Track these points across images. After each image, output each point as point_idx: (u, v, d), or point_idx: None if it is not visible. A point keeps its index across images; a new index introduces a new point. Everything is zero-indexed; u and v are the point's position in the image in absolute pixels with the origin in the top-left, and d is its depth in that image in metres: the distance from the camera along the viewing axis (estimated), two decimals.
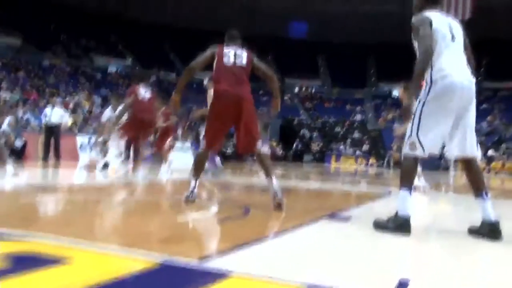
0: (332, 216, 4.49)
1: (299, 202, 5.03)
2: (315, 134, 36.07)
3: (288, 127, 35.64)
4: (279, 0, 39.96)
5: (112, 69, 37.85)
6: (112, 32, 41.10)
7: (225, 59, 4.89)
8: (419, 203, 6.34)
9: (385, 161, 32.11)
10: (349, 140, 35.54)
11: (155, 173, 10.91)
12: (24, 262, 2.27)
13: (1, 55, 29.98)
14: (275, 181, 4.69)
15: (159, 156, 12.21)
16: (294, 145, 33.44)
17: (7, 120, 15.19)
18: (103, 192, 6.31)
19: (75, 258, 2.31)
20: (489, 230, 3.52)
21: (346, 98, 40.78)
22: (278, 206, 4.54)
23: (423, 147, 3.61)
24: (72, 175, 9.89)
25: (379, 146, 34.73)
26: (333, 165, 30.67)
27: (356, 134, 36.27)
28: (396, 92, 38.27)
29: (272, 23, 38.95)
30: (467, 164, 3.78)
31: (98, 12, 38.68)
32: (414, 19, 3.72)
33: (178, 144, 23.76)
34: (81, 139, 17.28)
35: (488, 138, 31.70)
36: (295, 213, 4.64)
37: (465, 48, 3.78)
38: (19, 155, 14.65)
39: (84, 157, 16.32)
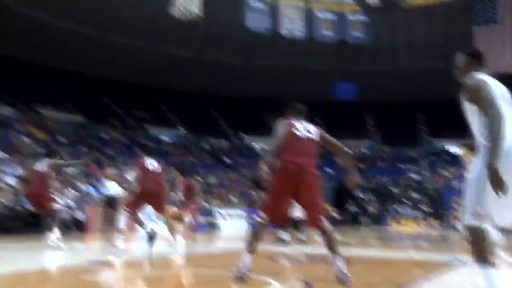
0: None
1: (360, 274, 4.81)
2: (370, 195, 35.34)
3: (341, 189, 35.07)
4: (324, 63, 40.42)
5: (164, 138, 38.77)
6: (164, 103, 42.38)
7: (295, 132, 4.88)
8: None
9: (450, 222, 30.87)
10: (406, 200, 34.53)
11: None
12: None
13: (65, 131, 31.39)
14: (339, 260, 4.58)
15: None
16: (349, 208, 32.79)
17: (71, 193, 15.65)
18: (163, 266, 6.29)
19: None
20: None
21: (399, 157, 40.06)
22: (344, 284, 4.42)
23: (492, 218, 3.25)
24: (129, 249, 9.94)
25: (439, 206, 33.51)
26: (393, 227, 29.76)
27: (414, 194, 35.24)
28: (453, 149, 37.41)
29: (318, 86, 39.25)
30: None
31: (147, 85, 40.06)
32: (470, 81, 3.50)
33: (231, 211, 23.87)
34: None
35: None
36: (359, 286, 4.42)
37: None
38: (82, 228, 14.97)
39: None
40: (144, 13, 35.26)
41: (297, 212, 9.27)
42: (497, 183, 3.06)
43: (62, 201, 10.42)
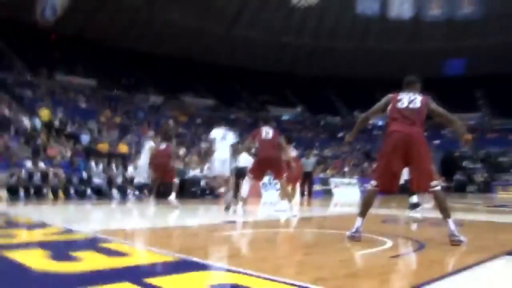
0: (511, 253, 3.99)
1: (471, 237, 4.56)
2: (478, 165, 33.11)
3: (449, 160, 33.23)
4: (434, 41, 38.22)
5: (285, 117, 39.15)
6: (285, 86, 42.83)
7: (398, 104, 4.72)
8: None
9: None
10: None
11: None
12: None
13: (201, 114, 33.03)
14: (451, 223, 4.38)
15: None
16: (456, 177, 31.04)
17: (206, 166, 16.45)
18: (281, 226, 6.43)
19: None
20: None
21: (508, 128, 36.94)
22: (457, 245, 4.25)
23: None
24: (256, 211, 10.25)
25: None
26: (499, 195, 27.69)
27: None
28: None
29: (427, 64, 37.23)
30: None
31: (271, 71, 40.63)
32: None
33: (345, 180, 23.68)
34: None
35: None
36: (469, 249, 4.20)
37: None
38: (216, 194, 15.72)
39: (267, 194, 16.84)
40: (265, 6, 35.60)
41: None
42: None
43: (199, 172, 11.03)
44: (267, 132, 8.10)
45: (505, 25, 36.10)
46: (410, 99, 4.72)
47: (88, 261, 3.23)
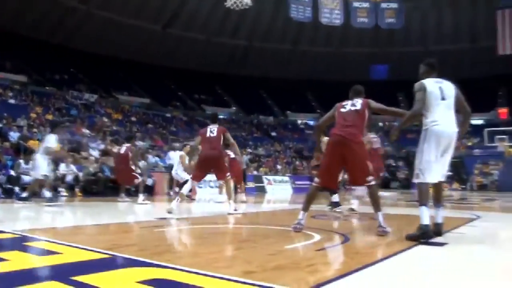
0: (426, 242, 4.23)
1: (392, 230, 4.82)
2: (400, 163, 34.76)
3: None
4: (362, 48, 39.67)
5: (220, 116, 39.14)
6: (220, 86, 42.81)
7: (341, 109, 5.09)
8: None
9: (468, 185, 30.30)
10: None
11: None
12: (164, 287, 2.36)
13: (136, 112, 32.27)
14: (380, 216, 4.75)
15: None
16: (381, 174, 32.35)
17: (141, 163, 16.11)
18: (214, 222, 6.43)
19: (207, 287, 2.37)
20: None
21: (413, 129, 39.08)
22: (383, 235, 4.62)
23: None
24: (193, 208, 10.17)
25: (461, 172, 32.75)
26: None
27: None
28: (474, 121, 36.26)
29: (354, 67, 38.57)
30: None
31: (206, 72, 40.51)
32: (416, 84, 4.64)
33: (277, 177, 24.02)
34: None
35: None
36: (390, 241, 4.43)
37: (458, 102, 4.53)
38: (150, 191, 15.43)
39: (201, 192, 16.78)
40: (201, 8, 35.40)
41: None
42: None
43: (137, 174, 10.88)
44: (211, 130, 7.85)
45: (423, 35, 38.30)
46: (352, 103, 5.07)
47: (14, 262, 3.05)
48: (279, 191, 21.76)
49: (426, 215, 4.32)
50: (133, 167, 10.75)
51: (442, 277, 2.87)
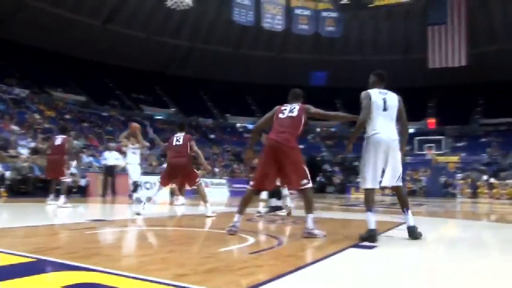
0: (357, 245, 4.38)
1: (326, 232, 4.96)
2: (336, 168, 35.74)
3: (312, 163, 35.33)
4: (300, 53, 40.43)
5: (159, 116, 38.51)
6: (159, 86, 42.13)
7: (280, 114, 5.16)
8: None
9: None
10: None
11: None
12: None
13: (70, 110, 31.05)
14: (310, 219, 4.84)
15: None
16: (318, 179, 33.10)
17: (74, 163, 15.55)
18: (151, 225, 6.31)
19: None
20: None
21: (363, 137, 40.39)
22: (308, 237, 4.72)
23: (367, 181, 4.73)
24: (126, 210, 9.93)
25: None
26: (353, 195, 30.17)
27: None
28: None
29: (294, 73, 39.26)
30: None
31: (146, 71, 39.78)
32: (363, 93, 4.94)
33: (215, 180, 23.98)
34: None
35: (489, 168, 31.23)
36: (322, 244, 4.54)
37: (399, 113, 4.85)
38: (83, 192, 14.94)
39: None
40: (143, 6, 34.72)
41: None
42: None
43: (68, 171, 10.39)
44: (177, 139, 7.96)
45: (360, 45, 39.69)
46: (290, 109, 5.16)
47: None
48: (216, 194, 21.71)
49: (372, 220, 4.61)
50: (66, 159, 10.17)
51: (372, 278, 2.98)
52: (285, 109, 5.18)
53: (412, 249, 4.45)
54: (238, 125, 43.04)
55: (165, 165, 9.52)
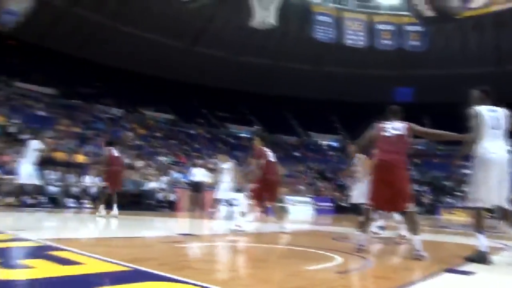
0: (452, 270, 4.12)
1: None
2: (425, 188, 34.20)
3: None
4: (383, 69, 39.53)
5: (243, 134, 39.24)
6: (243, 104, 43.04)
7: (383, 132, 5.08)
8: None
9: (497, 213, 29.51)
10: (458, 193, 33.21)
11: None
12: None
13: (160, 128, 32.67)
14: (417, 239, 4.76)
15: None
16: None
17: (164, 179, 16.28)
18: (238, 241, 6.39)
19: None
20: None
21: (453, 154, 38.45)
22: (418, 259, 4.59)
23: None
24: (214, 225, 10.16)
25: None
26: (444, 216, 28.65)
27: (465, 188, 33.79)
28: None
29: (378, 90, 38.43)
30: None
31: (231, 90, 40.85)
32: (471, 110, 4.77)
33: (299, 198, 23.86)
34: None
35: None
36: (412, 267, 4.33)
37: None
38: (172, 207, 15.53)
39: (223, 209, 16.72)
40: (227, 27, 35.81)
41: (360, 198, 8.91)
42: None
43: (157, 185, 10.82)
44: (269, 153, 7.95)
45: (447, 59, 37.99)
46: (394, 127, 5.09)
47: (38, 269, 3.10)
48: (300, 212, 21.59)
49: (483, 241, 4.49)
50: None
51: None
52: (388, 127, 5.08)
53: None
54: (321, 142, 42.76)
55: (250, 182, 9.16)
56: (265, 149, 7.98)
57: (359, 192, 8.79)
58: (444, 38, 35.68)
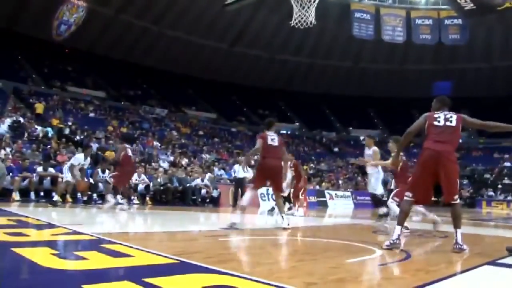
0: (493, 262, 4.00)
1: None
2: (464, 181, 33.13)
3: None
4: (424, 65, 38.51)
5: (283, 131, 39.19)
6: (283, 102, 42.98)
7: (435, 122, 4.82)
8: None
9: None
10: (499, 186, 32.03)
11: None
12: None
13: (203, 127, 33.07)
14: (459, 233, 4.65)
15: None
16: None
17: (207, 176, 16.48)
18: (279, 234, 6.40)
19: None
20: None
21: (494, 147, 37.10)
22: (458, 252, 4.51)
23: None
24: (255, 219, 10.22)
25: None
26: (484, 210, 27.68)
27: (507, 180, 32.57)
28: None
29: (419, 84, 37.54)
30: None
31: (270, 88, 40.87)
32: None
33: (339, 192, 23.61)
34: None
35: None
36: (453, 259, 4.22)
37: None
38: (215, 203, 15.70)
39: (264, 204, 16.74)
40: (266, 27, 35.79)
41: (380, 190, 8.71)
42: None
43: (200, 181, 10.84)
44: (272, 138, 7.00)
45: (488, 52, 36.56)
46: (446, 117, 4.84)
47: (92, 261, 3.23)
48: (341, 206, 21.37)
49: None
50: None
51: None
52: (439, 117, 4.84)
53: None
54: (361, 137, 42.18)
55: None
56: (268, 133, 7.12)
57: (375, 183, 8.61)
58: (485, 30, 34.31)
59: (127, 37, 34.00)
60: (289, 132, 39.29)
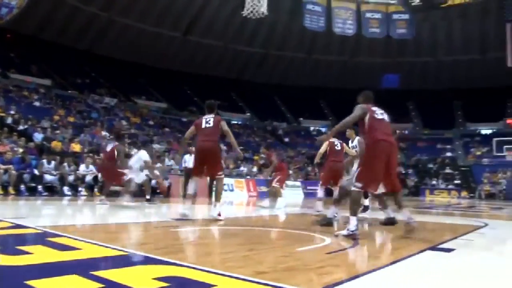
0: (434, 248, 4.20)
1: (401, 235, 4.81)
2: (410, 171, 34.48)
3: None
4: (374, 57, 39.51)
5: (234, 121, 39.18)
6: (235, 92, 42.89)
7: (375, 115, 5.03)
8: None
9: (477, 194, 29.94)
10: (441, 175, 33.63)
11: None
12: (179, 284, 2.39)
13: (153, 116, 32.48)
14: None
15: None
16: None
17: (158, 165, 16.23)
18: (230, 224, 6.42)
19: (219, 285, 2.38)
20: None
21: (436, 138, 38.79)
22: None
23: None
24: (206, 210, 10.18)
25: (470, 180, 32.50)
26: (428, 198, 28.97)
27: (448, 170, 34.23)
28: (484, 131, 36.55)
29: (369, 76, 38.51)
30: None
31: (223, 78, 40.67)
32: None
33: (289, 182, 23.93)
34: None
35: None
36: (398, 245, 4.41)
37: None
38: (166, 193, 15.52)
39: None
40: (219, 16, 35.51)
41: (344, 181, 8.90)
42: None
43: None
44: (207, 121, 6.77)
45: (433, 47, 38.06)
46: (382, 113, 5.15)
47: (37, 255, 3.11)
48: (291, 196, 21.68)
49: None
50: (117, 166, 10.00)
51: (448, 281, 2.85)
52: (376, 110, 5.07)
53: (490, 253, 4.23)
54: (311, 128, 42.84)
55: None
56: (205, 116, 6.94)
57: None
58: (430, 26, 35.70)
59: (75, 23, 32.76)
60: (240, 123, 39.30)
